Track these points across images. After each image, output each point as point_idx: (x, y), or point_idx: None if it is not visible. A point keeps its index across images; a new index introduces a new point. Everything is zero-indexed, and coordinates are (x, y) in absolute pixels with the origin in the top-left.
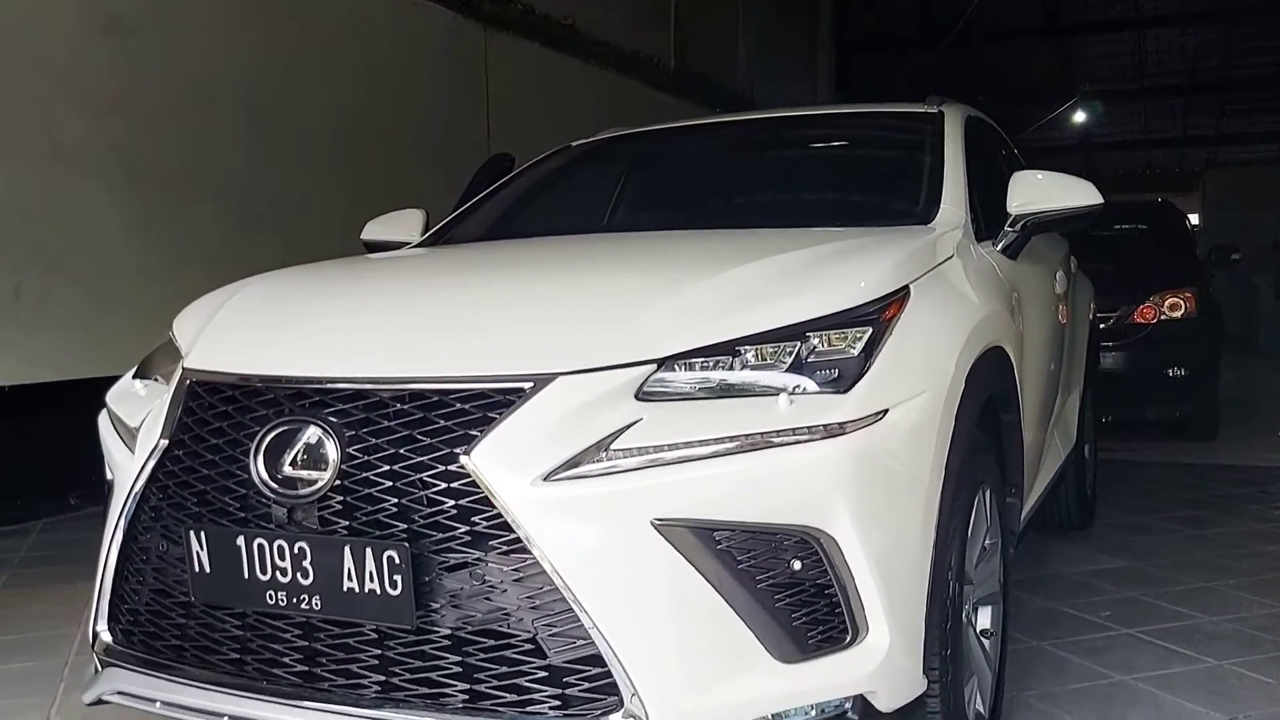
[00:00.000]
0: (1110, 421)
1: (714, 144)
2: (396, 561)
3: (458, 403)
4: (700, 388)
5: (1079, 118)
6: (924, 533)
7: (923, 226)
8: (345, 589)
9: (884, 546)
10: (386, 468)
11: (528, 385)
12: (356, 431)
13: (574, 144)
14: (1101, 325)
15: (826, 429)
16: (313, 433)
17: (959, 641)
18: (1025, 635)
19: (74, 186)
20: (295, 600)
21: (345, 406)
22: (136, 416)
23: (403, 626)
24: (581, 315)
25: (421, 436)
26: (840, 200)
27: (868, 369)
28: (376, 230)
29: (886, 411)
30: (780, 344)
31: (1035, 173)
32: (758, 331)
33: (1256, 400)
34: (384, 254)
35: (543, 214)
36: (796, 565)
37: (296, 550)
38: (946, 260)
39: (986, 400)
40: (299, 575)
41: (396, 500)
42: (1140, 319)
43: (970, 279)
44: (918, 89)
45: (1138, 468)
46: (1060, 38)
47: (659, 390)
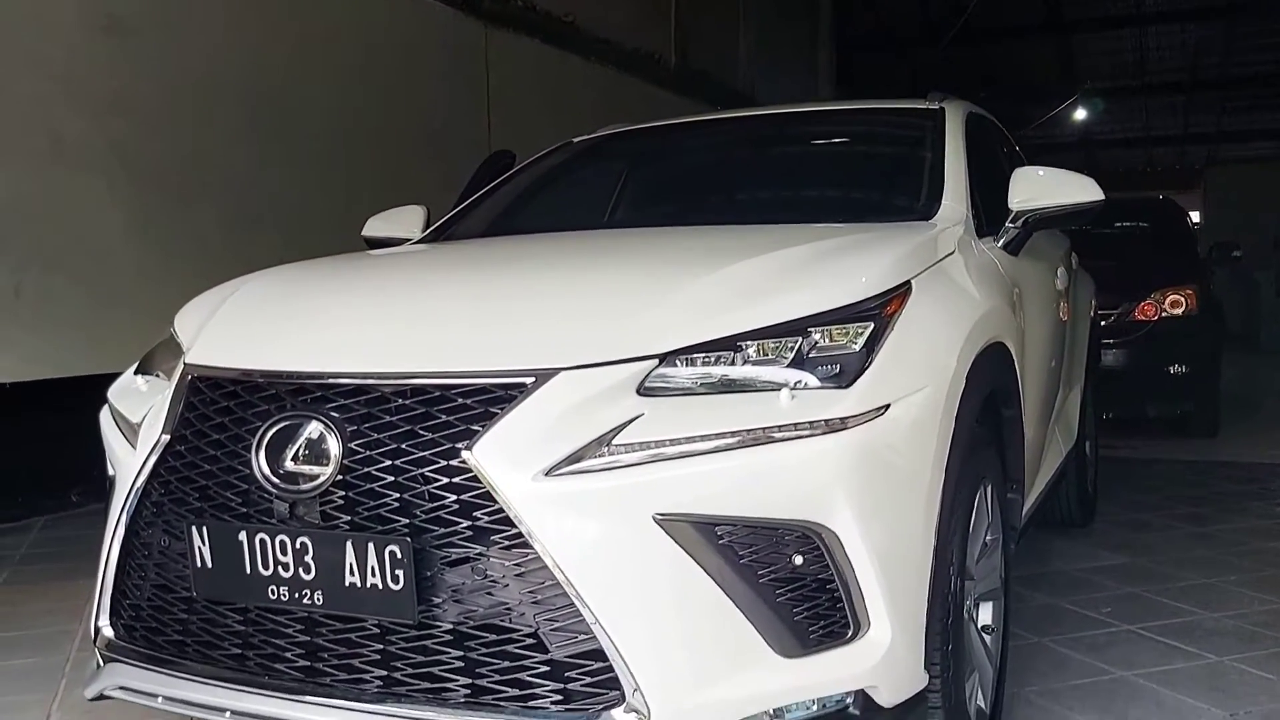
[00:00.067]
0: (1111, 419)
1: (715, 140)
2: (398, 556)
3: (459, 398)
4: (702, 383)
5: (1080, 115)
6: (925, 528)
7: (924, 222)
8: (347, 584)
9: (885, 541)
10: (388, 463)
11: (529, 380)
12: (358, 426)
13: (575, 140)
14: (1103, 322)
15: (828, 424)
16: (314, 428)
17: (960, 637)
18: (1026, 631)
19: (74, 185)
20: (297, 595)
21: (347, 401)
22: (138, 412)
23: (404, 621)
24: (583, 311)
25: (423, 431)
26: (842, 196)
27: (869, 364)
28: (377, 227)
29: (888, 407)
30: (782, 339)
31: (1037, 169)
32: (759, 327)
33: (1258, 398)
34: (385, 250)
35: (544, 210)
36: (798, 560)
37: (298, 545)
38: (948, 256)
39: (988, 396)
40: (301, 570)
41: (398, 495)
42: (1141, 316)
43: (971, 275)
44: (918, 87)
45: (1139, 465)
46: (1061, 35)
47: (661, 385)
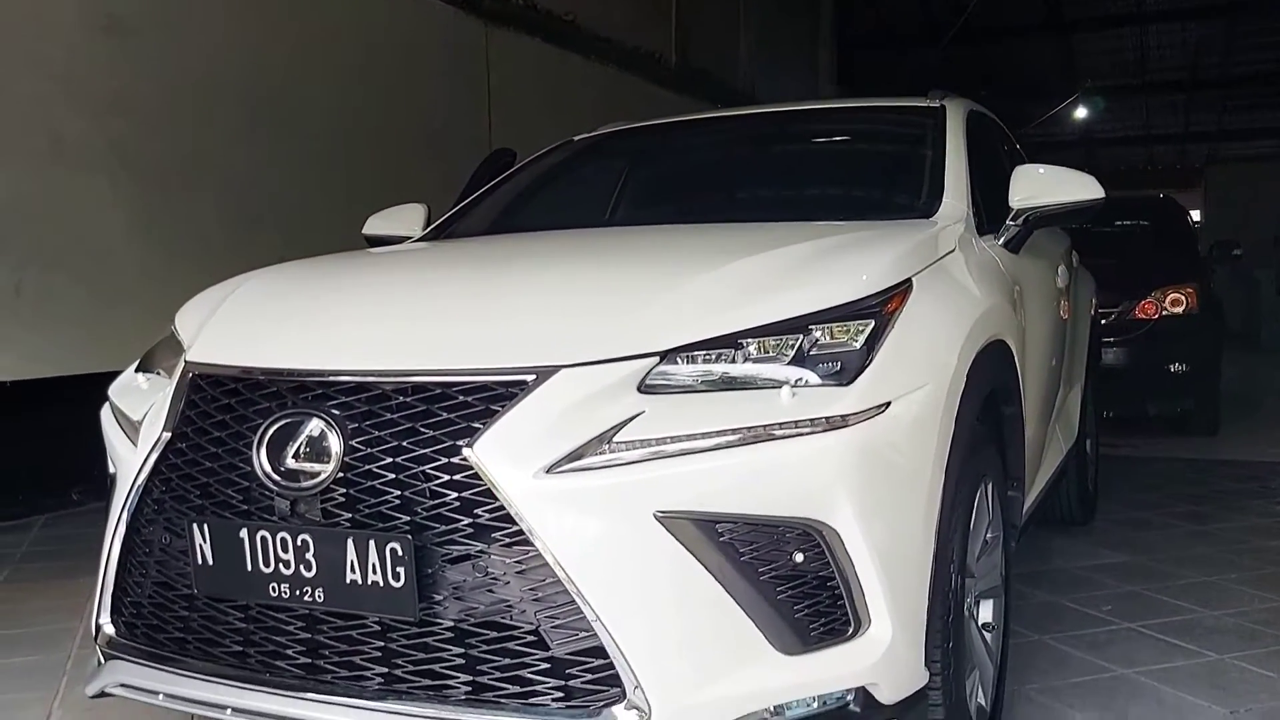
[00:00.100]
0: (1111, 417)
1: (716, 138)
2: (399, 554)
3: (460, 395)
4: (703, 380)
5: (1080, 113)
6: (926, 525)
7: (925, 220)
8: (348, 581)
9: (886, 539)
10: (389, 460)
11: (530, 378)
12: (359, 424)
13: (576, 138)
14: (1103, 321)
15: (829, 421)
16: (315, 425)
17: (961, 634)
18: (1027, 629)
19: (75, 185)
20: (298, 592)
21: (348, 399)
22: (139, 410)
23: (405, 618)
24: (584, 308)
25: (424, 429)
26: (842, 194)
27: (870, 362)
28: (378, 225)
29: (889, 404)
30: (782, 337)
31: (1037, 166)
32: (760, 324)
33: (1258, 396)
34: (386, 248)
35: (545, 208)
36: (799, 557)
37: (299, 542)
38: (948, 254)
39: (988, 394)
40: (302, 567)
41: (399, 492)
42: (1142, 314)
43: (972, 272)
44: (919, 86)
45: (1139, 463)
46: (1061, 33)
47: (661, 383)
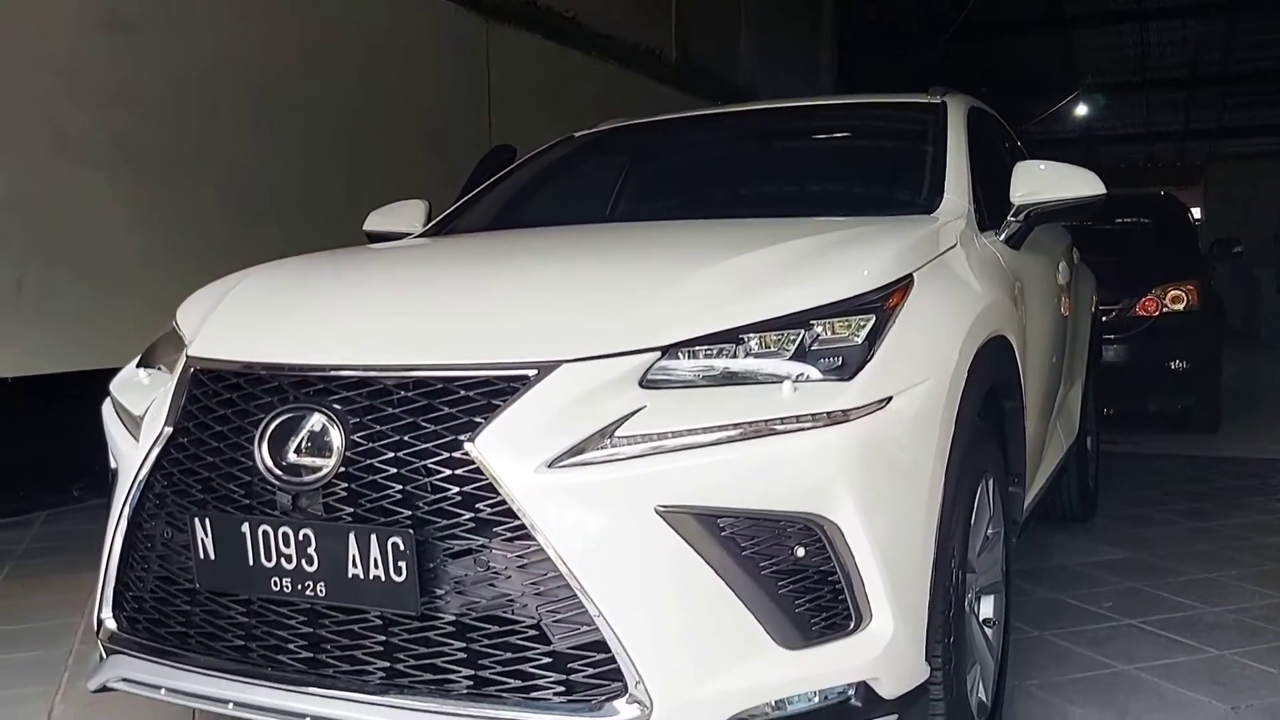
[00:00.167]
0: (1112, 414)
1: (717, 135)
2: (401, 548)
3: (462, 390)
4: (704, 375)
5: (1081, 111)
6: (927, 520)
7: (926, 216)
8: (350, 575)
9: (887, 534)
10: (391, 454)
11: (532, 372)
12: (361, 418)
13: (577, 134)
14: (1104, 318)
15: (830, 416)
16: (317, 420)
17: (962, 629)
18: (1027, 625)
19: (77, 180)
20: (300, 587)
21: (349, 394)
22: (141, 405)
23: (407, 613)
24: (585, 303)
25: (426, 423)
26: (843, 190)
27: (871, 357)
28: (379, 221)
29: (890, 399)
30: (784, 332)
31: (1038, 163)
32: (761, 319)
33: (1258, 393)
34: (387, 244)
35: (545, 204)
36: (800, 552)
37: (301, 537)
38: (949, 249)
39: (989, 389)
40: (303, 562)
41: (401, 487)
42: (1142, 311)
43: (973, 268)
44: (919, 83)
45: (1140, 460)
46: (1062, 30)
47: (663, 378)
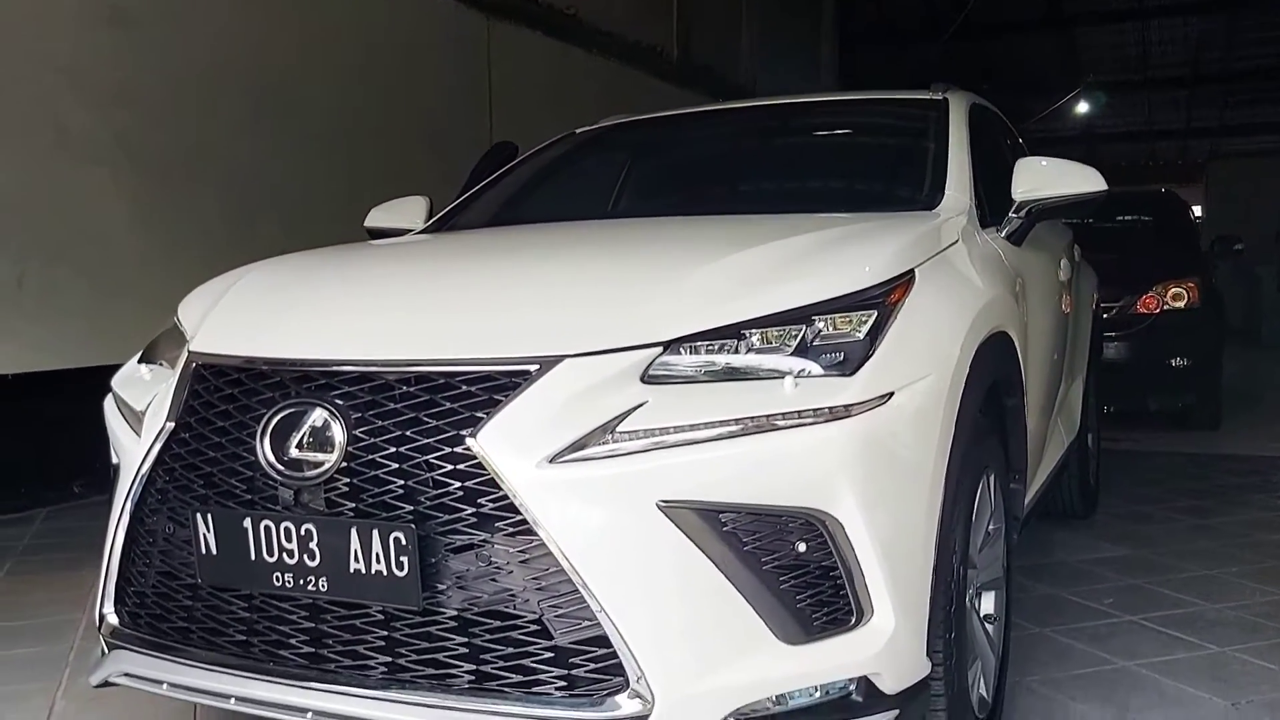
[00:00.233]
0: (1113, 412)
1: (719, 131)
2: (403, 543)
3: (464, 385)
4: (705, 371)
5: (1082, 109)
6: (928, 516)
7: (927, 212)
8: (352, 570)
9: (889, 529)
10: (393, 449)
11: (534, 367)
12: (362, 414)
13: (578, 131)
14: (1105, 315)
15: (831, 412)
16: (319, 415)
17: (963, 625)
18: (1028, 622)
19: (78, 177)
20: (302, 582)
21: (351, 389)
22: (142, 400)
23: (409, 608)
24: (587, 298)
25: (427, 418)
26: (845, 186)
27: (873, 352)
28: (380, 217)
29: (891, 395)
30: (785, 327)
31: (1039, 159)
32: (763, 315)
33: (1259, 391)
34: (388, 240)
35: (547, 201)
36: (801, 547)
37: (303, 532)
38: (951, 245)
39: (991, 385)
40: (305, 557)
41: (403, 482)
42: (1143, 309)
43: (975, 264)
44: (920, 81)
45: (1140, 457)
46: (1063, 28)
47: (664, 373)
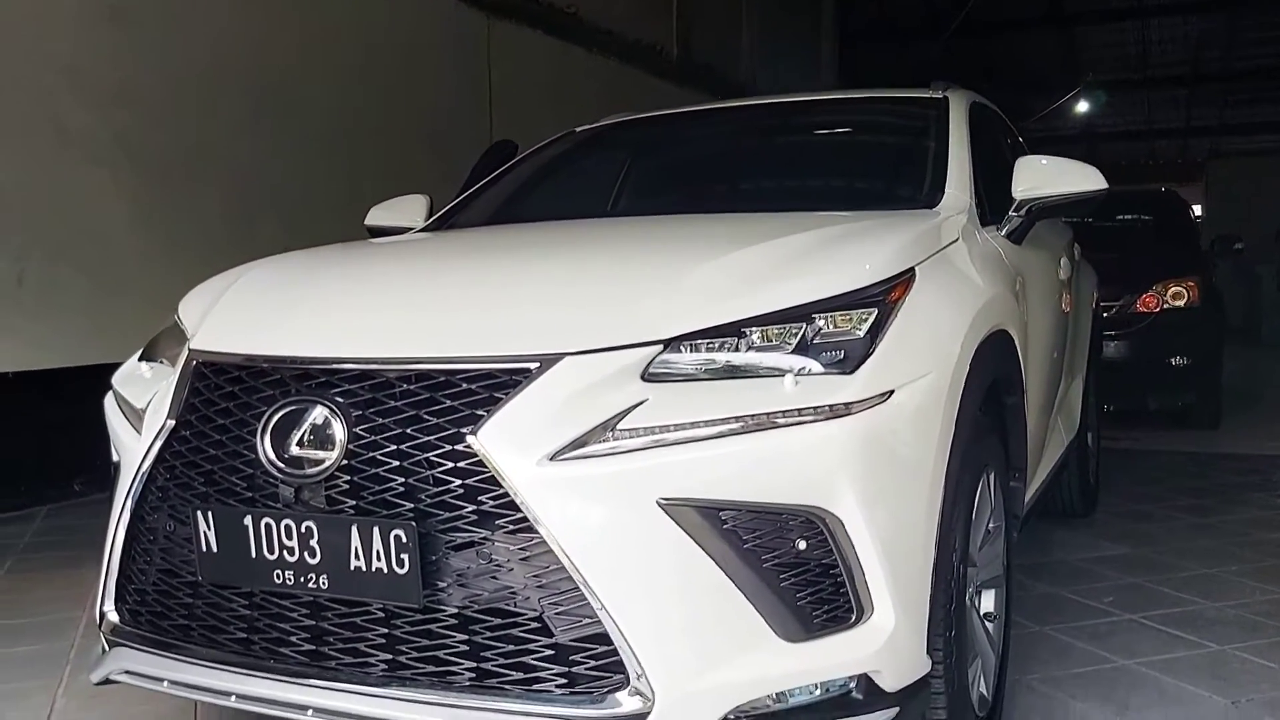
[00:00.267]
0: (1112, 410)
1: (719, 129)
2: (403, 540)
3: (464, 383)
4: (706, 369)
5: (1082, 108)
6: (929, 514)
7: (927, 211)
8: (352, 568)
9: (889, 527)
10: (393, 447)
11: (534, 365)
12: (363, 411)
13: (578, 129)
14: (1105, 314)
15: (832, 409)
16: (319, 412)
17: (963, 623)
18: (1028, 620)
19: (78, 175)
20: (302, 579)
21: (352, 386)
22: (143, 398)
23: (410, 605)
24: (587, 297)
25: (428, 416)
26: (845, 185)
27: (873, 350)
28: (380, 216)
29: (892, 393)
30: (786, 325)
31: (1040, 157)
32: (763, 313)
33: (1259, 390)
34: (388, 238)
35: (547, 199)
36: (802, 545)
37: (304, 529)
38: (951, 244)
39: (991, 383)
40: (306, 554)
41: (403, 480)
42: (1143, 308)
43: (975, 263)
44: (920, 79)
45: (1140, 456)
46: (1063, 27)
47: (665, 371)
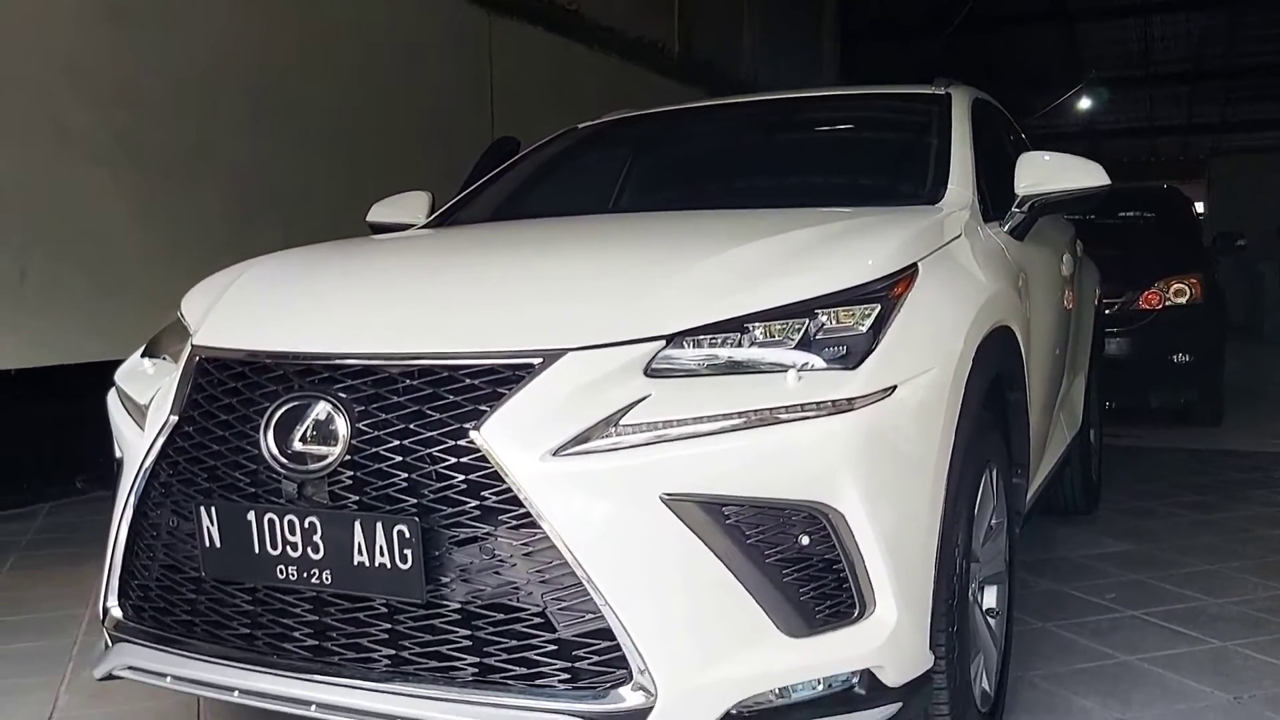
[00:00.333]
0: (1115, 408)
1: (721, 126)
2: (406, 536)
3: (467, 378)
4: (708, 364)
5: (1084, 104)
6: (931, 509)
7: (930, 207)
8: (355, 563)
9: (892, 522)
10: (396, 443)
11: (537, 361)
12: (366, 407)
13: (580, 126)
14: (1107, 311)
15: (835, 405)
16: (322, 408)
17: (965, 619)
18: (1031, 617)
19: (79, 174)
20: (306, 575)
21: (354, 382)
22: (145, 394)
23: (413, 600)
24: (590, 292)
25: (431, 412)
26: (848, 181)
27: (876, 346)
28: (382, 212)
29: (895, 388)
30: (788, 321)
31: (1042, 154)
32: (766, 308)
33: (1261, 387)
34: (391, 235)
35: (549, 195)
36: (804, 540)
37: (307, 525)
38: (954, 240)
39: (993, 379)
40: (309, 550)
41: (406, 475)
42: (1145, 305)
43: (978, 258)
44: (921, 76)
45: (1143, 453)
46: (1065, 24)
47: (667, 367)
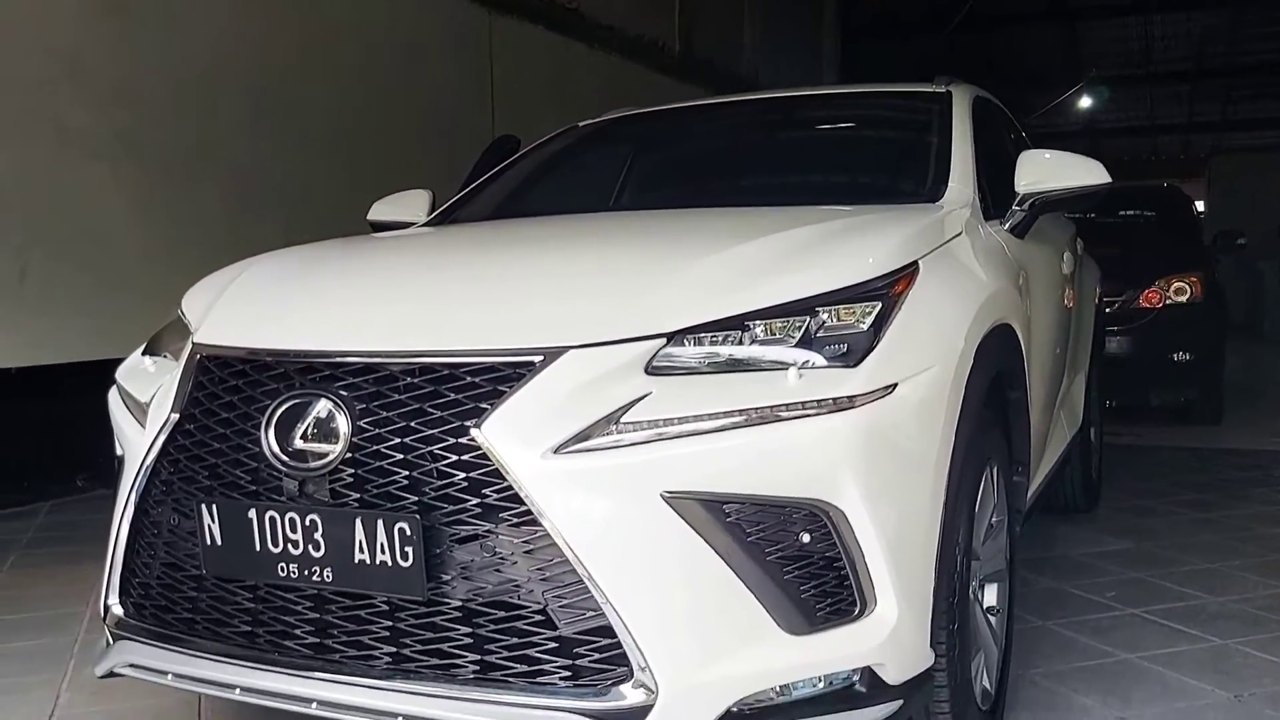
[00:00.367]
0: (1115, 406)
1: (722, 124)
2: (407, 533)
3: (468, 376)
4: (709, 362)
5: (1084, 103)
6: (932, 507)
7: (931, 205)
8: (356, 561)
9: (892, 520)
10: (397, 440)
11: (538, 359)
12: (367, 405)
13: (581, 124)
14: (1107, 309)
15: (835, 403)
16: (323, 406)
17: (966, 616)
18: (1031, 615)
19: (79, 172)
20: (307, 572)
21: (355, 380)
22: (146, 392)
23: (414, 598)
24: (591, 290)
25: (432, 409)
26: (848, 179)
27: (876, 344)
28: (383, 210)
29: (895, 386)
30: (789, 319)
31: (1043, 152)
32: (767, 306)
33: (1261, 386)
34: (392, 233)
35: (549, 194)
36: (805, 538)
37: (308, 523)
38: (955, 238)
39: (994, 377)
40: (310, 547)
41: (407, 473)
42: (1146, 303)
43: (978, 256)
44: (922, 74)
45: (1143, 452)
46: (1066, 22)
47: (668, 364)
